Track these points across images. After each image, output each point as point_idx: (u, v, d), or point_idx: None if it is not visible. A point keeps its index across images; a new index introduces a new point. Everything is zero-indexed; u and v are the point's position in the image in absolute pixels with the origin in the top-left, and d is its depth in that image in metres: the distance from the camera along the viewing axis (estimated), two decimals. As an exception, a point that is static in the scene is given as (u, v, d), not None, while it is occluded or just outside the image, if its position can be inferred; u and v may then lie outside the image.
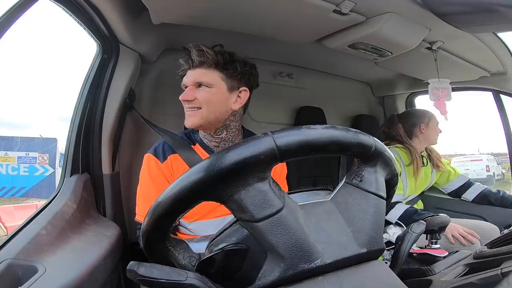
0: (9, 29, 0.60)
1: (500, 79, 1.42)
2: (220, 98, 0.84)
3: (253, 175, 0.28)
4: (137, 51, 1.13)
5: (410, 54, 1.16)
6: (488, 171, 8.76)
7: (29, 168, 6.65)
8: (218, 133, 0.88)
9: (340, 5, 0.89)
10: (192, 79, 0.83)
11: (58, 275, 0.55)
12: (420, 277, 0.82)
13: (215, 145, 0.89)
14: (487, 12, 0.85)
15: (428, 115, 1.53)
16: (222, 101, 0.84)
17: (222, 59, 0.83)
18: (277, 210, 0.28)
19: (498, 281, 0.53)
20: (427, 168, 1.56)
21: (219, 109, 0.84)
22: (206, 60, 0.82)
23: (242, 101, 0.88)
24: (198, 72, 0.83)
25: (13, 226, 4.02)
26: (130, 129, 1.22)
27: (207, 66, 0.83)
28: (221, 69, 0.84)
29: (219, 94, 0.84)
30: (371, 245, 0.32)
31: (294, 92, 1.71)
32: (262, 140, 0.28)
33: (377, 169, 0.36)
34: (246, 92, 0.89)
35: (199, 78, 0.83)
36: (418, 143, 1.52)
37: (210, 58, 0.82)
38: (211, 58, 0.82)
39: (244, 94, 0.88)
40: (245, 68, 0.87)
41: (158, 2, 0.89)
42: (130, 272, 0.26)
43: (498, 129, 1.55)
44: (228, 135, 0.89)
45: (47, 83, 39.98)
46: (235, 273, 0.31)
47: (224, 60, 0.84)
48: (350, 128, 0.33)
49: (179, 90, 0.84)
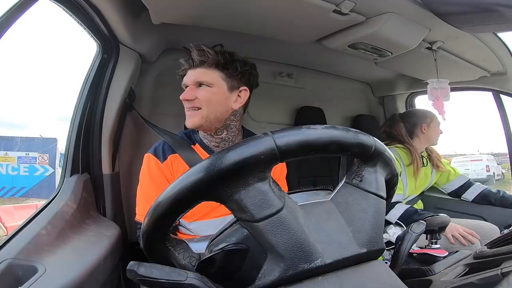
0: (9, 29, 0.60)
1: (500, 79, 1.42)
2: (220, 98, 0.84)
3: (253, 175, 0.28)
4: (137, 51, 1.13)
5: (410, 54, 1.16)
6: (488, 171, 8.76)
7: (29, 168, 6.65)
8: (218, 133, 0.88)
9: (340, 5, 0.89)
10: (193, 79, 0.84)
11: (58, 275, 0.55)
12: (420, 277, 0.82)
13: (215, 145, 0.89)
14: (487, 12, 0.85)
15: (430, 115, 1.53)
16: (222, 101, 0.85)
17: (223, 59, 0.83)
18: (277, 210, 0.28)
19: (498, 281, 0.53)
20: (427, 168, 1.56)
21: (219, 109, 0.84)
22: (207, 59, 0.82)
23: (242, 100, 0.88)
24: (199, 71, 0.83)
25: (13, 226, 4.02)
26: (130, 129, 1.22)
27: (208, 66, 0.83)
28: (222, 69, 0.84)
29: (220, 94, 0.84)
30: (371, 245, 0.32)
31: (294, 92, 1.71)
32: (262, 140, 0.27)
33: (377, 169, 0.36)
34: (246, 91, 0.89)
35: (200, 78, 0.83)
36: (418, 143, 1.52)
37: (211, 58, 0.82)
38: (212, 58, 0.82)
39: (244, 94, 0.89)
40: (245, 67, 0.88)
41: (158, 2, 0.89)
42: (130, 272, 0.26)
43: (498, 129, 1.56)
44: (228, 135, 0.89)
45: (47, 83, 40.00)
46: (235, 273, 0.31)
47: (225, 59, 0.84)
48: (350, 128, 0.33)
49: (179, 90, 0.84)
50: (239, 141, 0.92)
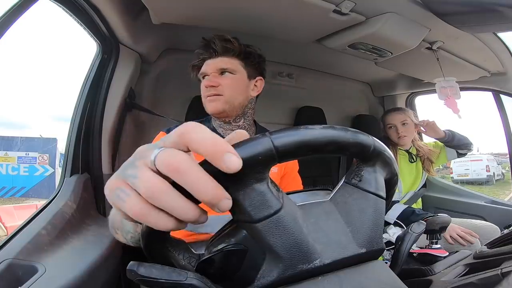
0: (9, 29, 0.60)
1: (500, 79, 1.42)
2: (242, 85, 0.87)
3: (251, 176, 0.28)
4: (137, 51, 1.14)
5: (410, 54, 1.16)
6: (488, 171, 8.76)
7: (29, 168, 6.65)
8: (236, 120, 0.90)
9: (340, 5, 0.89)
10: (215, 67, 0.86)
11: (58, 275, 0.55)
12: (420, 277, 0.82)
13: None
14: (487, 12, 0.85)
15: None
16: (244, 88, 0.88)
17: (244, 49, 0.88)
18: (275, 211, 0.28)
19: (498, 281, 0.53)
20: (417, 163, 1.57)
21: (241, 95, 0.87)
22: (232, 48, 0.85)
23: (258, 89, 0.93)
24: (221, 60, 0.86)
25: (13, 226, 4.03)
26: (130, 129, 1.22)
27: (231, 55, 0.86)
28: (242, 58, 0.87)
29: (242, 81, 0.87)
30: (370, 245, 0.32)
31: (294, 92, 1.71)
32: (259, 141, 0.27)
33: (376, 169, 0.35)
34: (262, 81, 0.93)
35: (224, 65, 0.85)
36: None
37: (235, 47, 0.86)
38: (236, 47, 0.86)
39: (260, 83, 0.93)
40: (260, 58, 0.92)
41: (158, 2, 0.89)
42: (130, 272, 0.26)
43: (498, 129, 1.56)
44: (244, 123, 0.92)
45: (47, 83, 40.01)
46: (234, 274, 0.31)
47: (245, 50, 0.88)
48: (349, 128, 0.33)
49: (179, 90, 0.85)
50: (252, 133, 0.94)
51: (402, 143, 1.52)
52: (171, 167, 0.23)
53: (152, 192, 0.24)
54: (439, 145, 1.60)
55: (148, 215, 0.24)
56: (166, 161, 0.24)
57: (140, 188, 0.24)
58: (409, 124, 1.51)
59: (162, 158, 0.24)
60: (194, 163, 0.24)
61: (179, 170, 0.23)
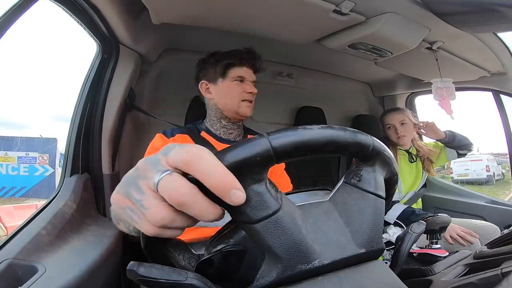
0: (9, 29, 0.60)
1: (500, 79, 1.42)
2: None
3: (249, 176, 0.28)
4: (137, 51, 1.14)
5: (410, 54, 1.16)
6: (488, 171, 8.75)
7: (29, 168, 6.65)
8: (241, 121, 1.02)
9: (340, 5, 0.89)
10: (252, 78, 0.99)
11: (58, 275, 0.55)
12: (420, 277, 0.82)
13: (237, 135, 1.00)
14: (487, 12, 0.85)
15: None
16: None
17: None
18: (274, 211, 0.28)
19: (498, 281, 0.53)
20: (417, 163, 1.57)
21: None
22: (261, 70, 1.03)
23: None
24: (253, 72, 1.00)
25: (13, 226, 4.02)
26: (130, 129, 1.22)
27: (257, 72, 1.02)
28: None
29: None
30: (370, 245, 0.32)
31: (294, 92, 1.71)
32: (257, 141, 0.27)
33: (376, 168, 0.35)
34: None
35: (255, 78, 1.00)
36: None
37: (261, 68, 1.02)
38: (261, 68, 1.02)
39: None
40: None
41: (158, 2, 0.89)
42: (130, 272, 0.26)
43: (498, 129, 1.56)
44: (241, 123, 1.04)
45: (47, 83, 40.01)
46: (234, 274, 0.31)
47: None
48: (348, 127, 0.32)
49: (179, 90, 0.85)
50: (242, 131, 0.99)
51: (402, 143, 1.52)
52: (174, 200, 0.25)
53: (161, 224, 0.26)
54: (439, 145, 1.60)
55: (162, 234, 0.27)
56: (168, 192, 0.25)
57: (149, 218, 0.26)
58: (407, 124, 1.51)
59: (165, 186, 0.25)
60: (197, 194, 0.25)
61: (183, 203, 0.25)
